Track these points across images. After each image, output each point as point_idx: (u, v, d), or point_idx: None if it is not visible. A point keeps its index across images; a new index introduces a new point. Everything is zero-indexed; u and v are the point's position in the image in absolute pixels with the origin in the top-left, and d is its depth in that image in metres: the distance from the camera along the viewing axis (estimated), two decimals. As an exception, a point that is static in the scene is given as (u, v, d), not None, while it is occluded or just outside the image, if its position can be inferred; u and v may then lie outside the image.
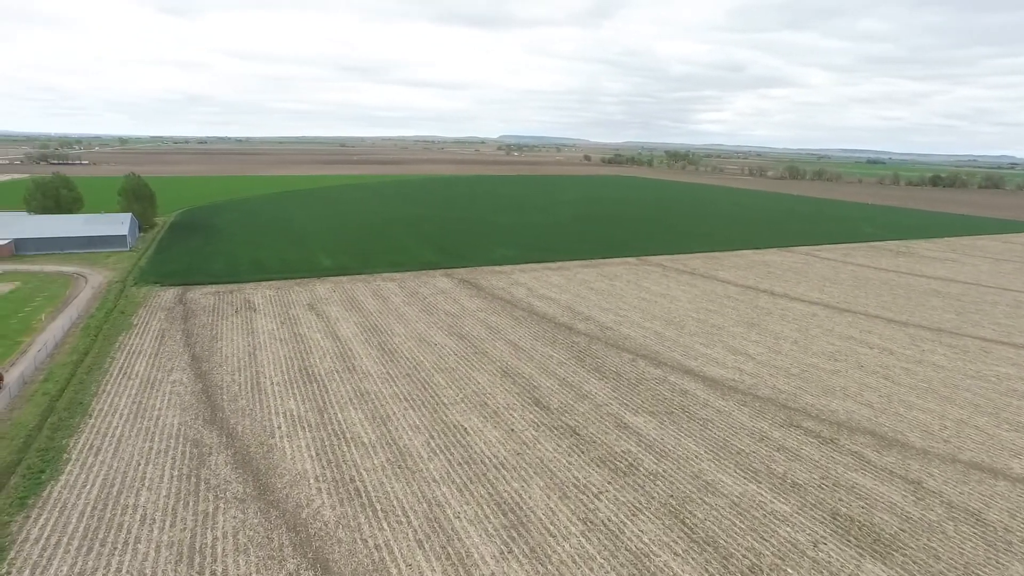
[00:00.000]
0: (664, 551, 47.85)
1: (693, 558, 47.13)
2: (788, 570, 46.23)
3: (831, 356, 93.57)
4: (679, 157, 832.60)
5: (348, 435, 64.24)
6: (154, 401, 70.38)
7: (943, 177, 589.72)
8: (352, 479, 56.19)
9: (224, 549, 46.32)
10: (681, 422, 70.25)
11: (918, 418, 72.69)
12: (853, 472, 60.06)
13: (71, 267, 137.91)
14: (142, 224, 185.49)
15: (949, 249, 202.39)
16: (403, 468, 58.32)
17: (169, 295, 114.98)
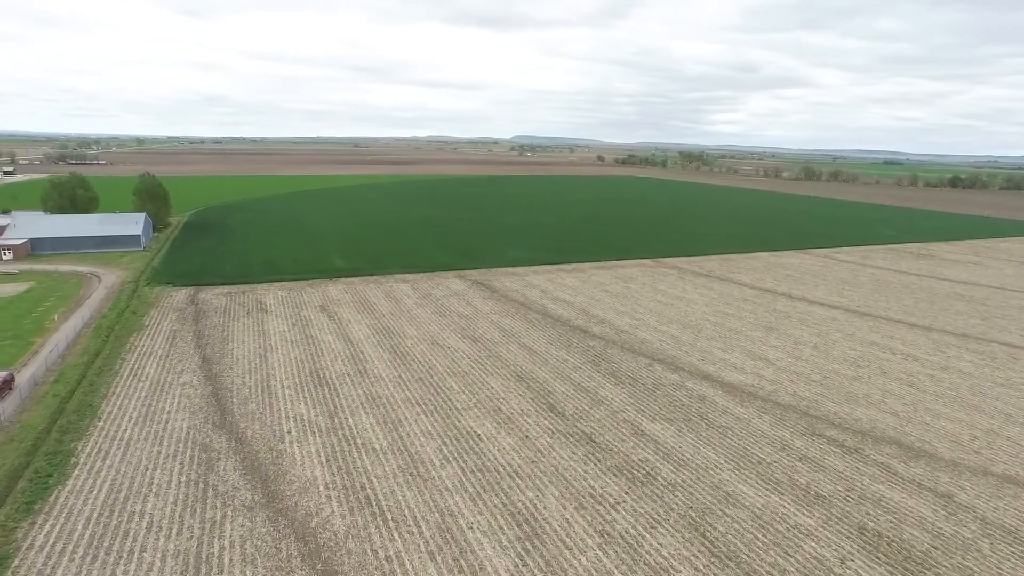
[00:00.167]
0: (685, 566, 46.08)
1: (715, 574, 45.33)
2: (815, 588, 44.36)
3: (853, 362, 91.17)
4: (693, 158, 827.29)
5: (359, 441, 62.99)
6: (164, 404, 69.57)
7: (963, 178, 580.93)
8: (363, 487, 54.90)
9: (231, 559, 45.15)
10: (700, 430, 68.37)
11: (946, 428, 70.29)
12: (879, 484, 57.91)
13: (85, 267, 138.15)
14: (156, 224, 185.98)
15: (971, 252, 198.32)
16: (415, 476, 56.96)
17: (181, 295, 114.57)
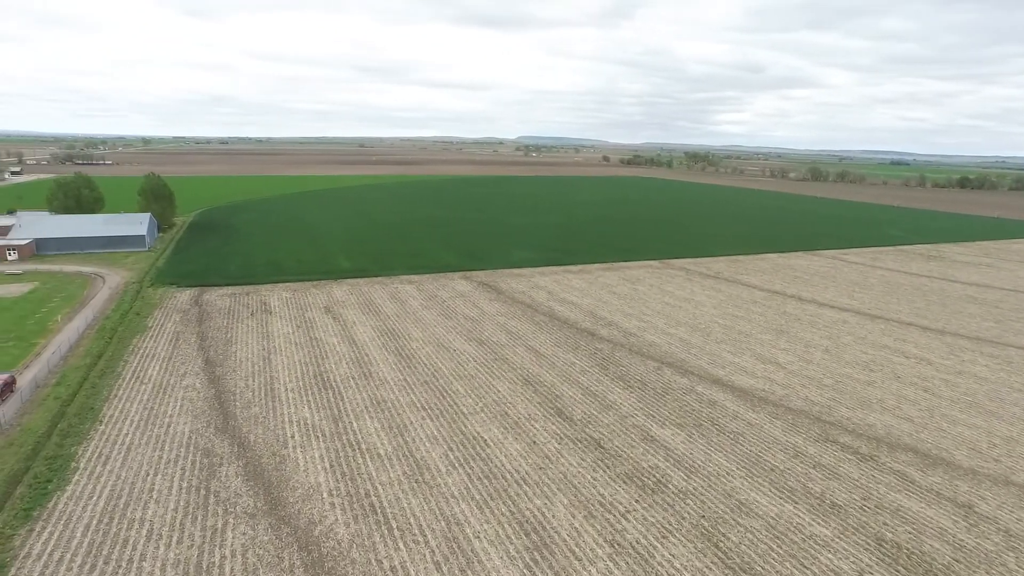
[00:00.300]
0: (698, 578, 44.75)
1: (729, 587, 44.00)
2: (832, 602, 42.98)
3: (865, 366, 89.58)
4: (699, 158, 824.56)
5: (363, 446, 61.85)
6: (166, 407, 68.58)
7: (971, 179, 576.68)
8: (367, 494, 53.75)
9: (232, 569, 44.04)
10: (711, 435, 67.00)
11: (963, 434, 68.69)
12: (896, 493, 56.43)
13: (90, 267, 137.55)
14: (161, 224, 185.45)
15: (982, 253, 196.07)
16: (420, 482, 55.77)
17: (185, 296, 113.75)
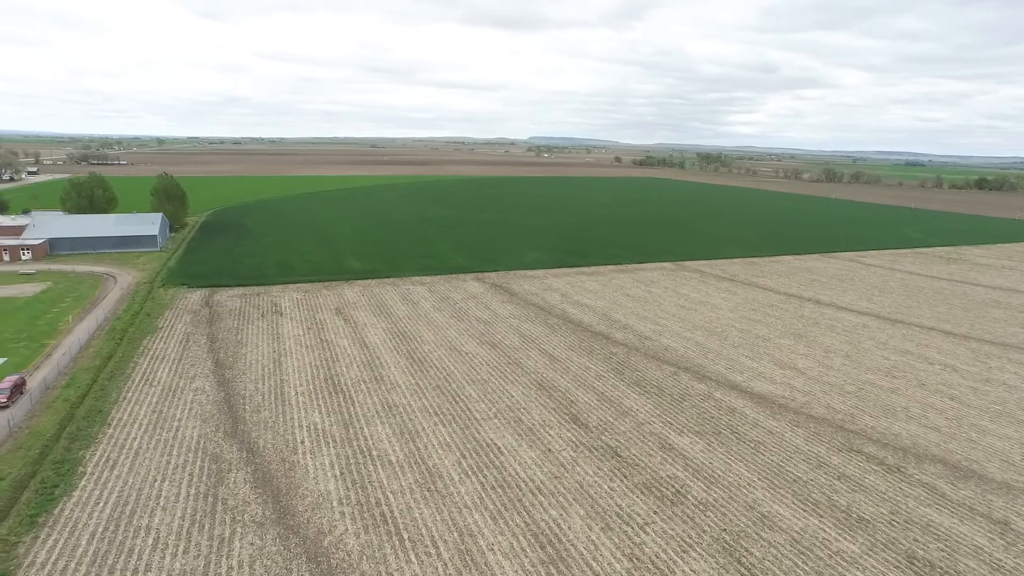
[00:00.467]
0: (721, 596, 42.98)
1: (754, 606, 42.18)
2: (863, 623, 41.05)
3: (888, 372, 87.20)
4: (711, 159, 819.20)
5: (374, 452, 60.49)
6: (174, 411, 67.57)
7: (990, 180, 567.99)
8: (378, 502, 52.35)
9: (239, 581, 42.78)
10: (730, 444, 65.09)
11: (994, 445, 66.29)
12: (926, 507, 54.29)
13: (102, 267, 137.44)
14: (173, 224, 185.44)
15: (1004, 256, 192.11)
16: (432, 491, 54.31)
17: (196, 297, 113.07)
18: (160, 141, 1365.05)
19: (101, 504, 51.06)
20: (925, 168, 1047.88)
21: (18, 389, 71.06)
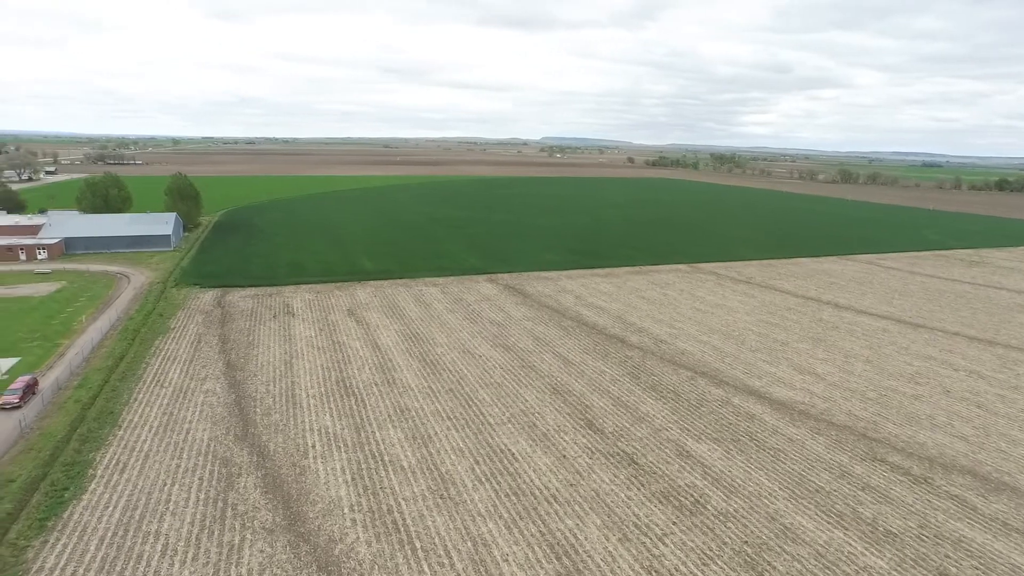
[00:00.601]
0: (744, 613, 41.49)
1: (778, 623, 40.65)
2: (893, 643, 39.40)
3: (911, 379, 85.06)
4: (725, 160, 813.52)
5: (386, 457, 59.46)
6: (185, 413, 66.93)
7: (1011, 181, 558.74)
8: (390, 509, 51.29)
9: (249, 590, 41.85)
10: (749, 451, 63.46)
11: (1024, 456, 64.20)
12: (957, 521, 52.41)
13: (116, 267, 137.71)
14: (187, 223, 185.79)
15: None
16: (445, 498, 53.17)
17: (208, 297, 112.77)
18: (175, 141, 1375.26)
19: (111, 508, 50.38)
20: (942, 169, 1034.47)
21: (30, 389, 70.80)
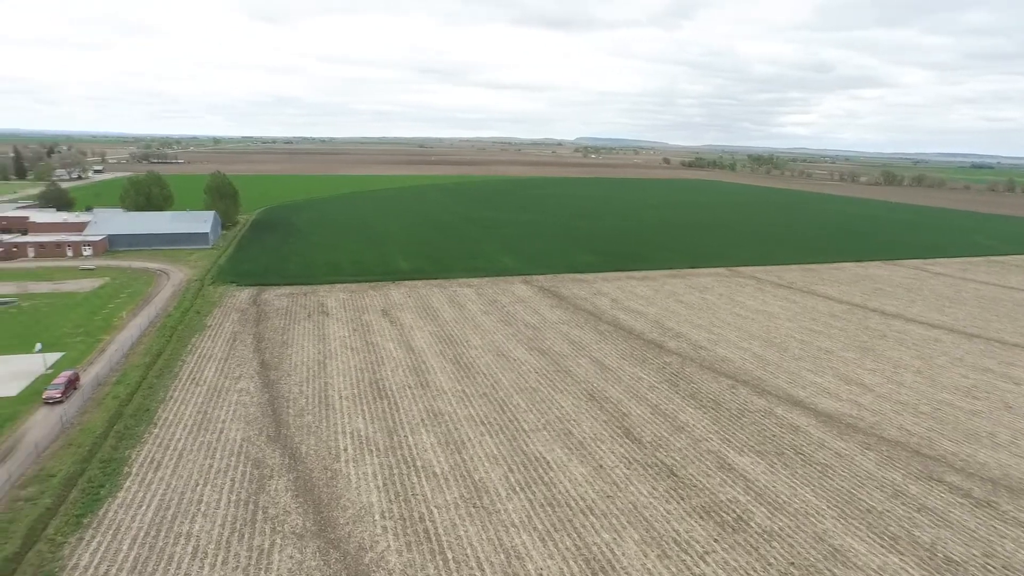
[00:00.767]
0: (792, 641, 39.16)
1: (830, 654, 38.25)
2: None
3: (967, 392, 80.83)
4: (763, 161, 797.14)
5: (419, 463, 58.40)
6: (219, 412, 66.95)
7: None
8: (422, 517, 50.14)
9: (278, 598, 41.08)
10: (795, 466, 60.69)
11: (1095, 479, 60.04)
12: None
13: (156, 264, 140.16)
14: (225, 221, 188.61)
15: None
16: (479, 507, 51.82)
17: (244, 295, 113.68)
18: (216, 140, 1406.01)
19: (144, 507, 50.31)
20: (994, 171, 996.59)
21: (72, 385, 71.83)
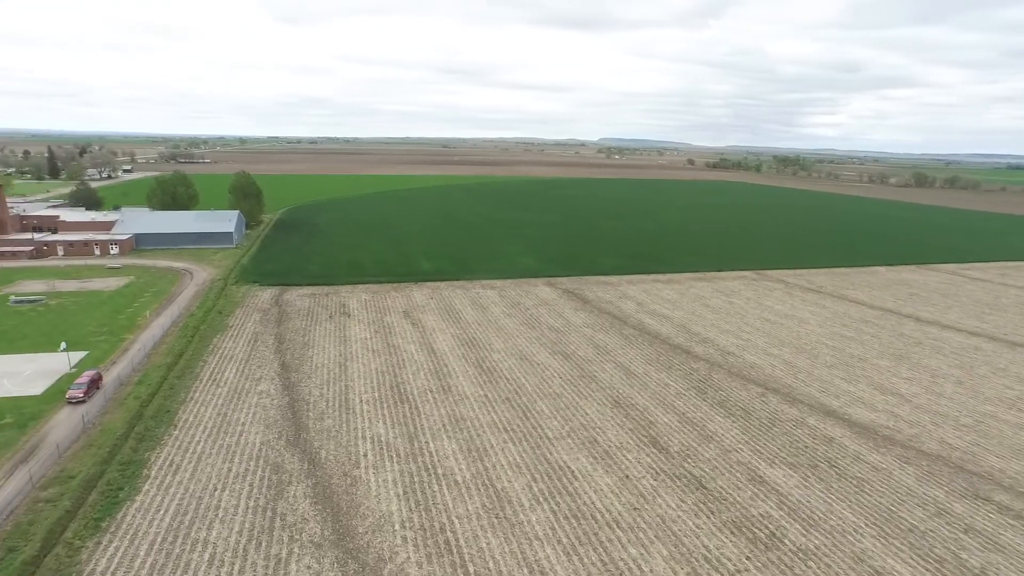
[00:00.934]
0: (833, 670, 36.96)
1: None
2: None
3: (1012, 404, 77.33)
4: (789, 162, 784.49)
5: (440, 471, 57.00)
6: (239, 414, 66.25)
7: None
8: (443, 528, 48.71)
9: (295, 610, 39.91)
10: (829, 480, 58.17)
11: None
12: (1079, 574, 46.13)
13: (181, 263, 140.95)
14: (249, 221, 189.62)
15: None
16: (501, 518, 50.24)
17: (266, 295, 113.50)
18: (242, 140, 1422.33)
19: (162, 512, 49.57)
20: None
21: (95, 384, 71.76)
